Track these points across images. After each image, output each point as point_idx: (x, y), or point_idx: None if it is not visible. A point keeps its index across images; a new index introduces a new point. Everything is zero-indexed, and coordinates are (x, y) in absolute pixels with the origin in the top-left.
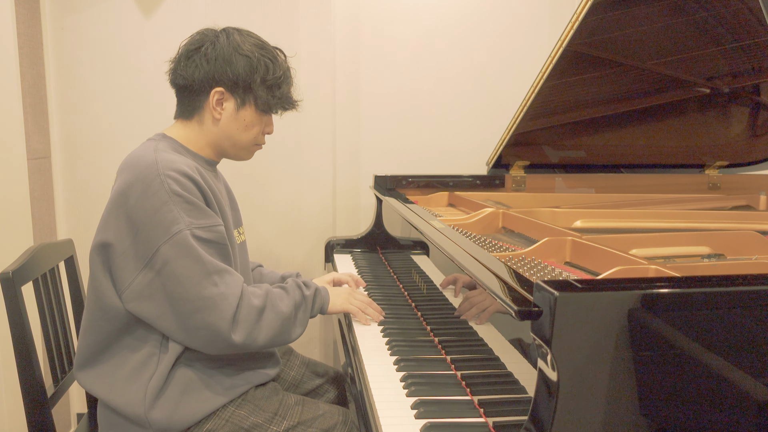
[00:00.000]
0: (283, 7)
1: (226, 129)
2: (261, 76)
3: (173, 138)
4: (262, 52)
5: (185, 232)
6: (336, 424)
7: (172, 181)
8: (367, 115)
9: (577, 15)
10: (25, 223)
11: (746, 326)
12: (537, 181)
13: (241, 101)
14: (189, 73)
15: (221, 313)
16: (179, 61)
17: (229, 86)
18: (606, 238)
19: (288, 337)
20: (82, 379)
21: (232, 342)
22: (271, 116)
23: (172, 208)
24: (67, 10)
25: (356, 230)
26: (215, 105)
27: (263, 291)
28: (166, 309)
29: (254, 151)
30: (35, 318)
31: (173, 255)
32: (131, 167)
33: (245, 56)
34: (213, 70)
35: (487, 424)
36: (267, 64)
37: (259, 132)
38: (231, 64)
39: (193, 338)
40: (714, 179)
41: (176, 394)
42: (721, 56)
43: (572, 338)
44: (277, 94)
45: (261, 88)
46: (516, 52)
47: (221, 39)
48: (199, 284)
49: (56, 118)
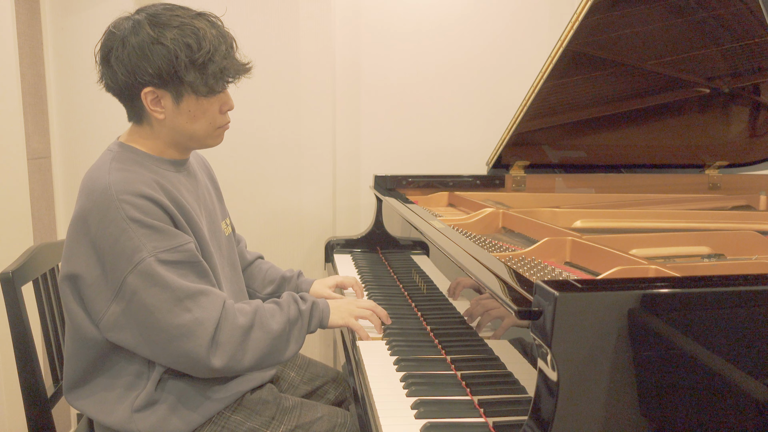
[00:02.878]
0: (283, 7)
1: (176, 125)
2: (185, 60)
3: (131, 146)
4: (178, 32)
5: (149, 260)
6: (335, 426)
7: (128, 206)
8: (367, 115)
9: (577, 15)
10: (25, 223)
11: (746, 326)
12: (537, 181)
13: (177, 93)
14: (112, 80)
15: (197, 339)
16: (101, 67)
17: (155, 83)
18: (606, 238)
19: (280, 356)
20: (72, 401)
21: (212, 367)
22: (226, 92)
23: (132, 235)
24: (67, 10)
25: (356, 230)
26: (152, 106)
27: (252, 308)
28: (142, 339)
29: (220, 134)
30: (35, 318)
31: (140, 285)
32: (88, 192)
33: (160, 44)
34: (132, 71)
35: (487, 424)
36: (188, 43)
37: (214, 115)
38: (147, 59)
39: (175, 365)
40: (714, 179)
41: (168, 406)
42: (721, 56)
43: (572, 338)
44: (213, 70)
45: (191, 73)
46: (516, 52)
47: (129, 34)
48: (170, 312)
49: (56, 118)
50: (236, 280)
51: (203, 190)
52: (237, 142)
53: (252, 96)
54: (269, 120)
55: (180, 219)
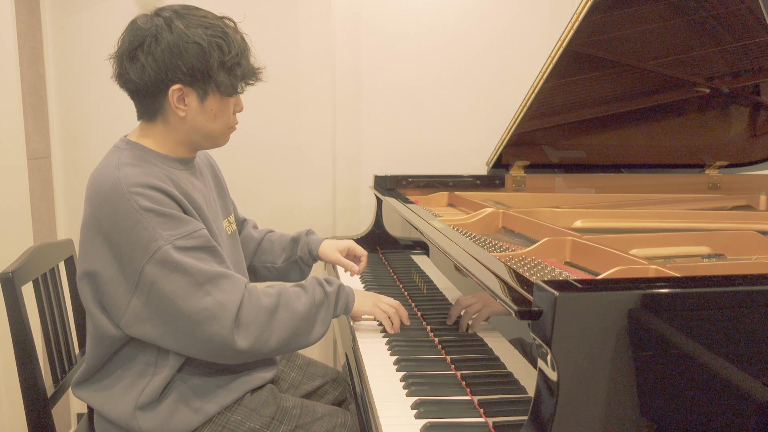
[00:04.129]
0: (283, 7)
1: (195, 124)
2: (217, 60)
3: (139, 144)
4: (211, 32)
5: (165, 248)
6: (335, 426)
7: (139, 197)
8: (367, 115)
9: (577, 15)
10: (25, 223)
11: (746, 326)
12: (537, 181)
13: (203, 92)
14: (137, 75)
15: (221, 321)
16: (122, 62)
17: (186, 81)
18: (606, 238)
19: (306, 339)
20: (78, 392)
21: (238, 349)
22: (238, 95)
23: (146, 225)
24: (67, 10)
25: (356, 230)
26: (177, 103)
27: (276, 290)
28: (166, 329)
29: (229, 134)
30: (35, 318)
31: (158, 274)
32: (96, 191)
33: (195, 43)
34: (164, 67)
35: (487, 424)
36: (220, 44)
37: (230, 116)
38: (182, 56)
39: (201, 352)
40: (714, 179)
41: (170, 404)
42: (721, 56)
43: (572, 338)
44: (239, 72)
45: (220, 73)
46: (516, 52)
47: (163, 30)
48: (192, 297)
49: (56, 118)
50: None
51: (207, 189)
52: (237, 142)
53: (252, 96)
54: (269, 120)
55: (190, 209)
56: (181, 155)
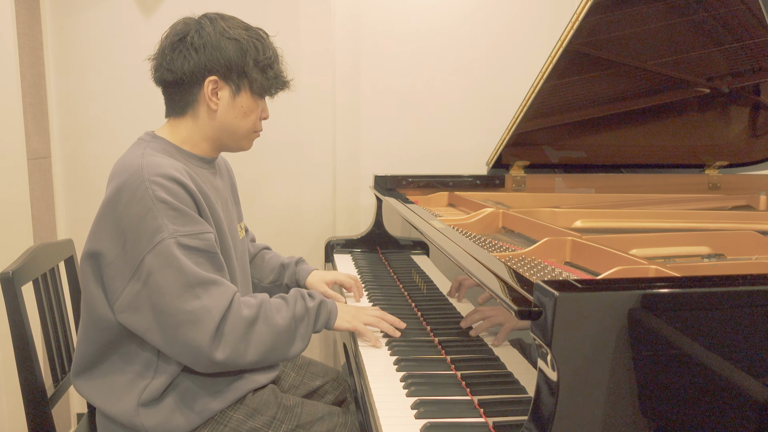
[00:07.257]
0: (283, 7)
1: (224, 119)
2: (253, 58)
3: (164, 138)
4: (249, 33)
5: (168, 241)
6: (336, 426)
7: (157, 187)
8: (367, 115)
9: (577, 15)
10: (25, 223)
11: (746, 326)
12: (537, 181)
13: (236, 87)
14: (177, 65)
15: (203, 326)
16: (163, 54)
17: (222, 73)
18: (606, 238)
19: (285, 352)
20: (79, 386)
21: (215, 359)
22: (265, 100)
23: (156, 215)
24: (67, 10)
25: (356, 230)
26: (211, 95)
27: (257, 301)
28: (152, 322)
29: (254, 138)
30: (35, 318)
31: (156, 265)
32: (119, 174)
33: (234, 40)
34: (204, 58)
35: (487, 424)
36: (256, 45)
37: (257, 118)
38: (221, 49)
39: (178, 355)
40: (714, 179)
41: (172, 403)
42: (721, 56)
43: (572, 338)
44: (271, 74)
45: (255, 71)
46: (516, 52)
47: (206, 25)
48: (180, 296)
49: (56, 118)
50: (245, 282)
51: (225, 191)
52: None
53: None
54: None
55: (205, 209)
56: (204, 153)
